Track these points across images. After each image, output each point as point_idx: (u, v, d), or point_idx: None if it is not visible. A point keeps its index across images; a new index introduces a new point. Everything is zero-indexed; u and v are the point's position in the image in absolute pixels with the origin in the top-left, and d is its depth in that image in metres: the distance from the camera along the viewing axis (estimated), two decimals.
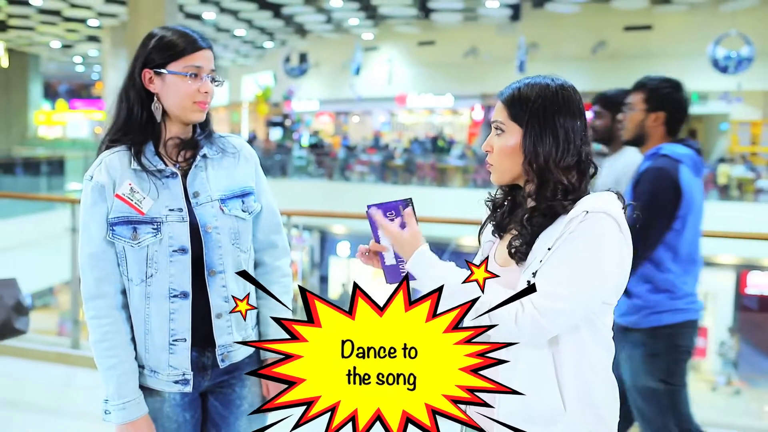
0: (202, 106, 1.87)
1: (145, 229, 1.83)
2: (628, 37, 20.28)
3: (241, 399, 2.01)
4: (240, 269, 1.92)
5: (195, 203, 1.88)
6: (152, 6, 11.48)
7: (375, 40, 24.50)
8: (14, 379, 4.79)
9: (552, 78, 1.59)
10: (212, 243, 1.87)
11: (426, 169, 19.32)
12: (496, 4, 18.38)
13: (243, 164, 1.99)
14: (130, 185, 1.84)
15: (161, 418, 1.93)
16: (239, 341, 1.94)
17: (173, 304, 1.86)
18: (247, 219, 1.95)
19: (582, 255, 1.46)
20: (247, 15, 20.52)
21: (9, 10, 19.85)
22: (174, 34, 1.87)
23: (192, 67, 1.84)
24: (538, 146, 1.53)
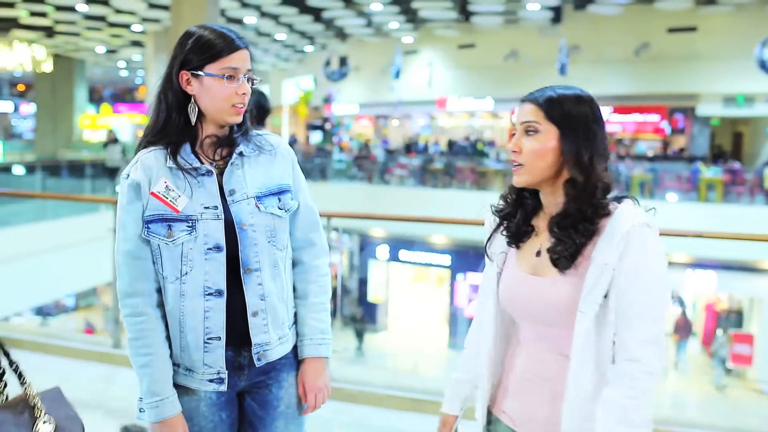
0: (238, 109, 1.85)
1: (179, 226, 1.83)
2: (672, 39, 19.99)
3: (278, 400, 1.99)
4: (276, 267, 1.92)
5: (231, 201, 1.86)
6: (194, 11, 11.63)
7: (415, 43, 24.49)
8: (58, 377, 4.86)
9: (580, 89, 1.64)
10: (248, 240, 1.86)
11: (466, 172, 19.25)
12: (537, 6, 18.25)
13: (280, 161, 1.97)
14: (165, 183, 1.84)
15: (197, 416, 1.93)
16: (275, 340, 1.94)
17: (208, 302, 1.85)
18: (283, 216, 1.93)
19: (655, 282, 1.52)
20: (287, 19, 20.66)
21: (56, 17, 20.24)
22: (211, 34, 1.85)
23: (229, 69, 1.82)
24: (581, 147, 1.57)
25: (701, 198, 16.11)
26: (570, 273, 1.56)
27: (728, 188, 16.32)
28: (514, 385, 1.70)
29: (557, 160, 1.59)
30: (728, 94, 19.85)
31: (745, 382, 14.87)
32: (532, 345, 1.67)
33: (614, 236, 1.51)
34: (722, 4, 17.72)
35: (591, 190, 1.56)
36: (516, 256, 1.70)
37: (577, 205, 1.56)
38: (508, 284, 1.69)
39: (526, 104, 1.64)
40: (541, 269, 1.62)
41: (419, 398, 4.35)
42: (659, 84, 20.13)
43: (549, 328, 1.62)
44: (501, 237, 1.74)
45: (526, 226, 1.69)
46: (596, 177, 1.56)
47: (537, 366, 1.65)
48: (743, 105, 19.86)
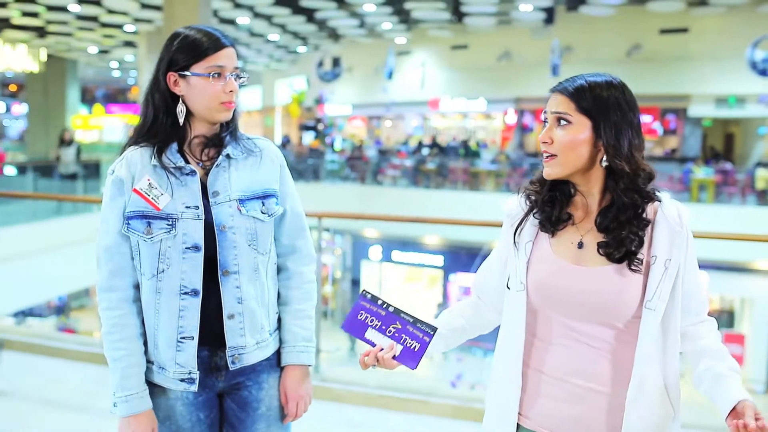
0: (228, 105, 1.86)
1: (159, 224, 1.83)
2: (664, 40, 20.05)
3: (258, 402, 1.98)
4: (257, 271, 1.91)
5: (213, 202, 1.87)
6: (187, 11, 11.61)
7: (408, 44, 24.50)
8: (48, 378, 4.85)
9: (610, 75, 1.60)
10: (227, 242, 1.86)
11: (458, 173, 19.26)
12: (530, 7, 18.27)
13: (267, 165, 1.97)
14: (148, 180, 1.84)
15: (174, 415, 1.93)
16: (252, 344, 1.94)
17: (183, 301, 1.85)
18: (266, 221, 1.92)
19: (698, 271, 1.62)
20: (280, 20, 20.64)
21: (48, 17, 20.16)
22: (197, 33, 1.85)
23: (215, 68, 1.83)
24: (619, 136, 1.54)
25: (693, 198, 16.16)
26: (620, 267, 1.54)
27: (720, 189, 16.38)
28: (541, 387, 1.63)
29: (590, 151, 1.56)
30: (720, 95, 19.91)
31: None
32: (561, 343, 1.61)
33: (674, 232, 1.54)
34: (714, 5, 17.78)
35: (635, 179, 1.55)
36: (550, 246, 1.64)
37: (629, 197, 1.54)
38: (544, 273, 1.62)
39: (556, 94, 1.59)
40: (584, 260, 1.58)
41: (411, 398, 4.36)
42: (651, 85, 20.17)
43: (585, 323, 1.58)
44: (531, 225, 1.67)
45: (562, 213, 1.64)
46: (638, 165, 1.55)
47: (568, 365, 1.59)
48: (735, 106, 19.93)
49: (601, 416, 1.55)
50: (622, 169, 1.53)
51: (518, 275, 1.65)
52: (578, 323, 1.58)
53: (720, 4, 17.63)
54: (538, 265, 1.63)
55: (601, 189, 1.58)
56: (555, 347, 1.62)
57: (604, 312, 1.54)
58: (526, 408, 1.65)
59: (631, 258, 1.53)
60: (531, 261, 1.65)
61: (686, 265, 1.55)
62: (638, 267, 1.53)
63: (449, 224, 4.94)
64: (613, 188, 1.56)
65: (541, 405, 1.63)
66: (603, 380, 1.56)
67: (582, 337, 1.58)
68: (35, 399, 4.48)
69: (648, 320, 1.52)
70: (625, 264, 1.53)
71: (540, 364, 1.64)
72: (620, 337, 1.55)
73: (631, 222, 1.54)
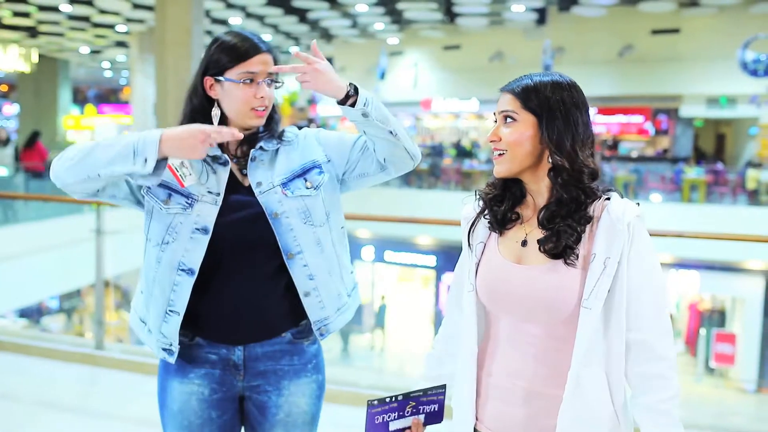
0: (258, 112, 1.88)
1: (178, 199, 1.87)
2: (656, 41, 20.11)
3: (277, 407, 2.00)
4: (320, 244, 1.94)
5: (258, 192, 1.89)
6: (179, 12, 11.59)
7: (400, 44, 24.50)
8: (41, 379, 4.84)
9: (559, 74, 1.62)
10: (282, 228, 1.89)
11: (451, 173, 19.27)
12: (522, 8, 18.30)
13: (302, 144, 2.00)
14: (182, 159, 1.85)
15: (187, 410, 1.96)
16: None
17: (179, 276, 1.88)
18: (313, 195, 1.94)
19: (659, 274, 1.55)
20: (272, 20, 20.61)
21: (39, 17, 20.09)
22: (234, 38, 1.89)
23: (247, 74, 1.86)
24: (562, 133, 1.56)
25: (684, 198, 16.22)
26: (558, 264, 1.54)
27: (711, 189, 16.44)
28: (491, 389, 1.65)
29: (536, 148, 1.57)
30: (711, 95, 19.99)
31: (728, 382, 14.98)
32: (509, 343, 1.62)
33: (614, 229, 1.51)
34: (705, 6, 17.84)
35: (577, 176, 1.55)
36: (498, 246, 1.66)
37: (568, 193, 1.55)
38: (489, 273, 1.64)
39: (504, 94, 1.63)
40: (526, 259, 1.59)
41: None
42: (643, 85, 20.24)
43: (531, 323, 1.57)
44: (482, 225, 1.70)
45: (511, 213, 1.66)
46: (581, 162, 1.55)
47: (515, 366, 1.60)
48: (726, 106, 20.01)
49: (547, 418, 1.54)
50: (563, 165, 1.55)
51: (469, 276, 1.68)
52: (523, 323, 1.59)
53: (711, 4, 17.70)
54: (486, 265, 1.66)
55: (549, 187, 1.59)
56: (502, 349, 1.63)
57: (544, 310, 1.54)
58: (480, 411, 1.67)
59: (568, 253, 1.52)
60: (481, 262, 1.68)
61: (630, 266, 1.51)
62: (573, 262, 1.52)
63: (442, 224, 4.94)
64: (554, 183, 1.57)
65: (491, 408, 1.64)
66: (547, 382, 1.55)
67: (527, 337, 1.59)
68: (28, 400, 4.46)
69: (585, 319, 1.50)
70: (562, 260, 1.54)
71: (490, 366, 1.65)
72: (564, 338, 1.54)
73: (571, 216, 1.54)
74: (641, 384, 1.52)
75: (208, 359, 1.97)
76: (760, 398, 14.41)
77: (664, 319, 1.53)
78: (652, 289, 1.53)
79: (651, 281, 1.53)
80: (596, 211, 1.55)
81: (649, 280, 1.53)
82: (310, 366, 2.04)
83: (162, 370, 2.03)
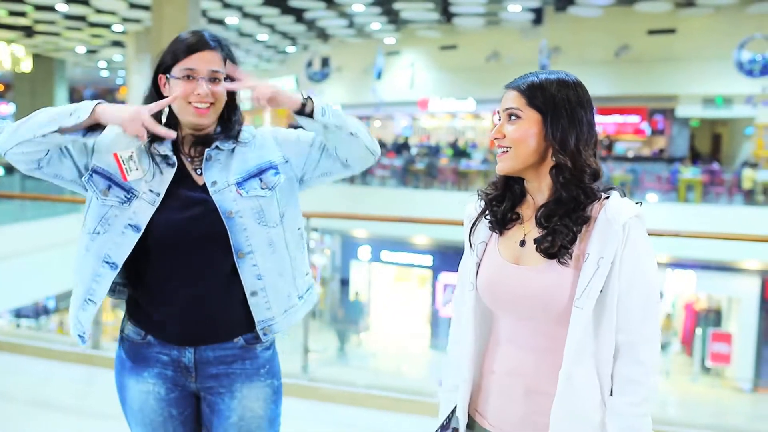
0: (199, 109, 1.87)
1: (117, 192, 1.87)
2: (652, 41, 20.12)
3: (230, 410, 1.98)
4: (272, 245, 1.93)
5: (213, 191, 1.89)
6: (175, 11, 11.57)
7: (397, 44, 24.49)
8: (36, 378, 4.83)
9: (565, 73, 1.62)
10: (236, 227, 1.88)
11: (447, 173, 19.27)
12: (519, 8, 18.32)
13: (258, 144, 1.99)
14: (131, 153, 1.87)
15: (147, 409, 1.97)
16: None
17: (102, 268, 1.89)
18: (267, 195, 1.93)
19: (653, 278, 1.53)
20: (269, 20, 20.60)
21: (35, 16, 20.07)
22: (184, 36, 1.90)
23: (186, 70, 1.85)
24: (566, 131, 1.55)
25: (680, 198, 16.24)
26: (554, 264, 1.53)
27: (707, 189, 16.46)
28: (492, 386, 1.66)
29: (540, 145, 1.57)
30: (707, 95, 20.00)
31: (724, 381, 15.01)
32: (510, 342, 1.63)
33: (609, 229, 1.50)
34: (701, 6, 17.87)
35: (579, 176, 1.54)
36: (498, 245, 1.66)
37: (568, 192, 1.54)
38: (489, 273, 1.65)
39: (509, 91, 1.63)
40: (524, 259, 1.59)
41: (401, 398, 4.36)
42: (639, 85, 20.24)
43: (529, 322, 1.58)
44: (484, 225, 1.70)
45: (511, 212, 1.66)
46: (583, 162, 1.55)
47: (514, 364, 1.61)
48: (722, 106, 20.02)
49: (543, 416, 1.54)
50: (566, 163, 1.54)
51: (470, 275, 1.68)
52: (521, 322, 1.60)
53: (707, 5, 17.72)
54: (486, 265, 1.67)
55: (550, 186, 1.59)
56: (503, 347, 1.64)
57: (540, 310, 1.55)
58: (482, 407, 1.68)
59: (562, 253, 1.52)
60: (482, 261, 1.68)
61: (622, 264, 1.50)
62: (567, 261, 1.52)
63: (438, 224, 4.94)
64: (555, 181, 1.57)
65: (492, 404, 1.65)
66: (544, 380, 1.56)
67: (526, 336, 1.59)
68: (24, 400, 4.46)
69: (576, 319, 1.49)
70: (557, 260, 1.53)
71: (492, 363, 1.67)
72: (560, 337, 1.53)
73: (568, 216, 1.54)
74: (617, 385, 1.52)
75: (160, 359, 1.97)
76: (756, 397, 14.44)
77: (650, 323, 1.52)
78: (643, 292, 1.51)
79: (643, 283, 1.51)
80: (594, 211, 1.55)
81: (641, 283, 1.51)
82: (263, 371, 2.02)
83: (118, 367, 2.04)
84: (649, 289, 1.52)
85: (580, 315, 1.49)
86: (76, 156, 1.88)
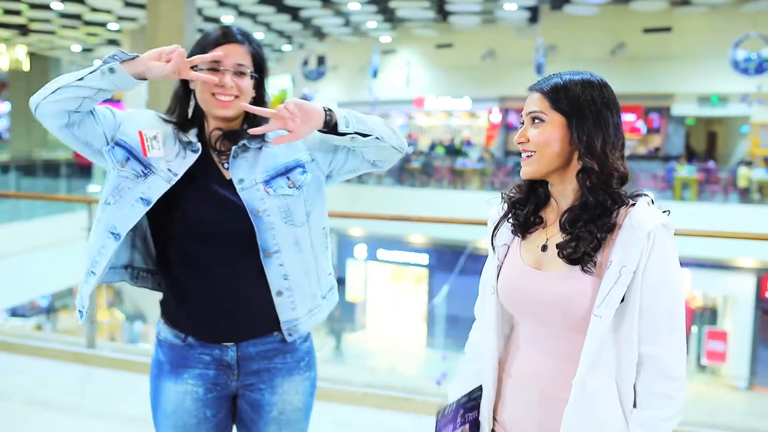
0: (221, 101, 1.86)
1: (134, 165, 1.87)
2: (648, 39, 20.16)
3: (271, 405, 2.00)
4: (298, 245, 1.93)
5: (240, 188, 1.88)
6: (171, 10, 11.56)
7: (393, 43, 24.50)
8: (32, 378, 4.82)
9: (590, 73, 1.58)
10: (263, 226, 1.87)
11: (443, 171, 19.29)
12: (514, 6, 18.33)
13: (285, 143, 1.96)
14: (156, 133, 1.88)
15: (181, 411, 1.96)
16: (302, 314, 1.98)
17: (107, 239, 1.89)
18: (295, 194, 1.92)
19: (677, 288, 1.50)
20: (265, 18, 20.59)
21: (30, 15, 20.02)
22: (211, 31, 1.91)
23: (211, 63, 1.85)
24: (592, 134, 1.51)
25: (676, 197, 16.28)
26: (576, 270, 1.50)
27: (703, 187, 16.50)
28: (508, 391, 1.63)
29: (565, 149, 1.53)
30: (703, 94, 20.05)
31: (720, 379, 15.05)
32: (528, 346, 1.60)
33: (634, 237, 1.45)
34: (697, 5, 17.90)
35: (606, 180, 1.50)
36: (520, 249, 1.63)
37: (595, 197, 1.50)
38: (510, 278, 1.62)
39: (532, 93, 1.58)
40: (546, 264, 1.56)
41: (397, 396, 4.36)
42: (635, 84, 20.28)
43: (549, 328, 1.55)
44: (506, 228, 1.66)
45: (535, 216, 1.63)
46: (611, 166, 1.50)
47: (532, 368, 1.58)
48: (717, 105, 20.07)
49: (558, 422, 1.51)
50: (592, 167, 1.50)
51: (491, 278, 1.66)
52: (542, 327, 1.57)
53: (702, 3, 17.76)
54: (507, 269, 1.64)
55: (575, 190, 1.55)
56: (523, 351, 1.62)
57: (559, 316, 1.52)
58: (498, 413, 1.66)
59: (586, 260, 1.48)
60: (503, 265, 1.65)
61: (646, 275, 1.46)
62: (590, 269, 1.48)
63: (434, 222, 4.95)
64: (581, 186, 1.53)
65: (509, 409, 1.63)
66: (561, 386, 1.52)
67: (545, 341, 1.57)
68: (19, 399, 4.45)
69: (594, 328, 1.46)
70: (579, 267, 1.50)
71: (510, 368, 1.64)
72: (579, 344, 1.49)
73: (593, 222, 1.50)
74: (645, 398, 1.48)
75: (202, 360, 1.96)
76: (751, 395, 14.48)
77: (678, 335, 1.48)
78: (668, 303, 1.48)
79: (668, 294, 1.48)
80: (620, 218, 1.50)
81: (666, 293, 1.47)
82: (303, 363, 2.04)
83: (155, 371, 2.03)
84: (676, 299, 1.49)
85: (599, 324, 1.45)
86: (105, 125, 1.88)
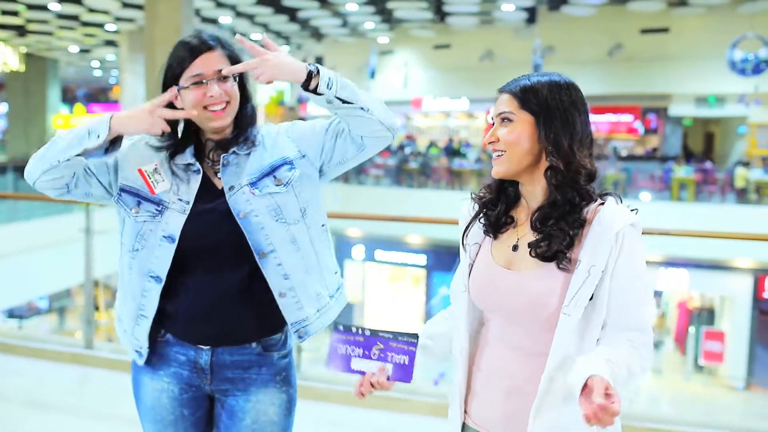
0: (215, 112, 1.84)
1: (148, 207, 1.88)
2: (645, 40, 20.18)
3: (244, 413, 1.98)
4: (295, 242, 1.91)
5: (229, 196, 1.88)
6: (169, 11, 11.55)
7: (390, 43, 24.50)
8: (30, 379, 4.82)
9: (558, 74, 1.62)
10: (251, 226, 1.87)
11: (441, 172, 19.29)
12: (512, 7, 18.33)
13: (271, 143, 1.96)
14: (155, 165, 1.88)
15: (159, 407, 1.99)
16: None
17: (148, 283, 1.90)
18: (282, 191, 1.90)
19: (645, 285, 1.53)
20: (263, 19, 20.57)
21: (28, 15, 19.99)
22: (178, 46, 1.87)
23: (192, 77, 1.83)
24: (560, 132, 1.55)
25: (673, 197, 16.30)
26: (547, 269, 1.53)
27: (700, 187, 16.53)
28: (477, 384, 1.66)
29: (534, 147, 1.56)
30: (700, 94, 20.08)
31: (717, 379, 15.06)
32: (497, 341, 1.63)
33: (603, 237, 1.49)
34: (694, 5, 17.91)
35: (574, 177, 1.53)
36: (491, 249, 1.66)
37: (563, 194, 1.53)
38: (480, 276, 1.65)
39: (502, 95, 1.63)
40: (516, 263, 1.59)
41: (394, 396, 4.37)
42: (632, 84, 20.30)
43: (519, 326, 1.58)
44: (477, 227, 1.70)
45: (505, 216, 1.66)
46: (578, 163, 1.54)
47: (500, 363, 1.62)
48: (715, 105, 20.10)
49: (524, 416, 1.54)
50: (559, 165, 1.54)
51: (462, 277, 1.69)
52: (511, 325, 1.60)
53: (700, 4, 17.77)
54: (478, 268, 1.67)
55: (544, 189, 1.58)
56: (491, 347, 1.65)
57: (529, 315, 1.55)
58: (469, 406, 1.68)
59: (560, 257, 1.51)
60: (474, 264, 1.68)
61: (615, 275, 1.50)
62: (566, 266, 1.51)
63: (432, 223, 4.95)
64: (549, 183, 1.56)
65: (478, 403, 1.66)
66: (530, 381, 1.54)
67: (515, 338, 1.59)
68: (17, 401, 4.45)
69: (563, 326, 1.49)
70: (554, 264, 1.52)
71: (479, 363, 1.67)
72: (546, 341, 1.52)
73: (564, 219, 1.52)
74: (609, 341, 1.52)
75: (177, 359, 1.97)
76: (748, 396, 14.50)
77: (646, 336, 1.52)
78: (638, 298, 1.52)
79: (638, 290, 1.52)
80: (590, 214, 1.54)
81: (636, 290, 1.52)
82: (279, 378, 2.01)
83: (134, 364, 2.05)
84: (645, 295, 1.53)
85: (568, 322, 1.49)
86: (99, 175, 1.89)
